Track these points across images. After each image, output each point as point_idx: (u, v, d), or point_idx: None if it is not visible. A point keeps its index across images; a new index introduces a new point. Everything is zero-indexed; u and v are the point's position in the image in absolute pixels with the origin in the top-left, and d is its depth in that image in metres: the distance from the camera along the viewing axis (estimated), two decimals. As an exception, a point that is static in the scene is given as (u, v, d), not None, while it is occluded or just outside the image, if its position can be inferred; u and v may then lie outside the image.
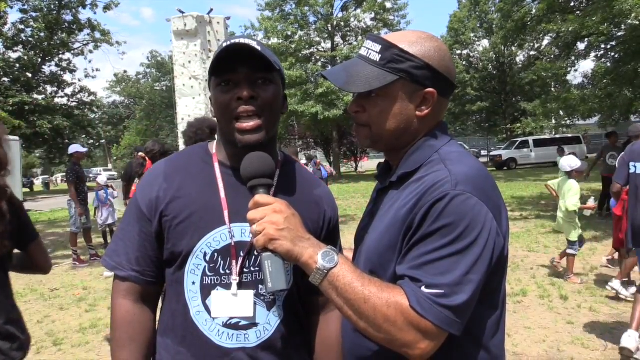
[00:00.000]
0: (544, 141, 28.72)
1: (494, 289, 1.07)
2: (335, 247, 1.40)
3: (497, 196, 1.08)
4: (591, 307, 4.91)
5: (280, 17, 28.89)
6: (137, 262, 1.26)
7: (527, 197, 14.57)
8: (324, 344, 1.37)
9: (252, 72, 1.19)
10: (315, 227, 1.32)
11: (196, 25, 7.64)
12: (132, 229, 1.28)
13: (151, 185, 1.28)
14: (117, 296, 1.28)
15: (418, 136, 1.16)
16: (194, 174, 1.28)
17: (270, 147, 1.29)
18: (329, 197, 1.42)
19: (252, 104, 1.19)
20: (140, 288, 1.28)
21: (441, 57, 1.12)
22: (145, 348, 1.26)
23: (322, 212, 1.37)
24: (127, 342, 1.24)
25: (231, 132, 1.21)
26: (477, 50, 36.75)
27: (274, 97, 1.23)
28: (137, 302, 1.27)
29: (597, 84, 17.25)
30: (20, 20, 29.35)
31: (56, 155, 33.33)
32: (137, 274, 1.26)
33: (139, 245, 1.26)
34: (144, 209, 1.26)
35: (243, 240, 1.24)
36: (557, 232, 8.77)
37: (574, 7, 16.65)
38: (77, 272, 7.64)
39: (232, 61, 1.17)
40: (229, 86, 1.20)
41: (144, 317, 1.28)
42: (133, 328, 1.25)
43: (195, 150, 1.35)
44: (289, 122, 31.41)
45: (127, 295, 1.27)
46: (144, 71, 60.77)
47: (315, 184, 1.42)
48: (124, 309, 1.26)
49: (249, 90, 1.18)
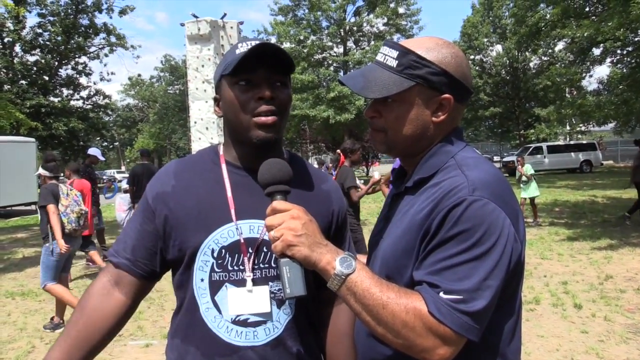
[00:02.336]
0: (558, 147, 28.44)
1: (510, 295, 1.07)
2: (344, 240, 1.42)
3: (514, 202, 1.07)
4: (606, 316, 4.85)
5: (292, 22, 29.05)
6: (132, 251, 1.28)
7: (541, 203, 14.43)
8: (334, 337, 1.38)
9: (271, 74, 1.21)
10: (325, 222, 1.33)
11: (210, 29, 7.71)
12: (136, 219, 1.31)
13: (161, 181, 1.31)
14: (102, 273, 1.32)
15: (434, 142, 1.16)
16: (202, 173, 1.31)
17: (278, 147, 1.33)
18: (336, 192, 1.44)
19: (272, 104, 1.21)
20: (126, 278, 1.28)
21: (458, 63, 1.12)
22: (92, 321, 1.24)
23: (331, 207, 1.38)
24: (78, 308, 1.27)
25: (247, 127, 1.22)
26: (490, 56, 36.53)
27: (289, 99, 1.27)
28: (114, 285, 1.28)
29: (613, 90, 17.06)
30: (38, 24, 29.88)
31: (71, 157, 33.69)
32: (128, 262, 1.27)
33: (137, 235, 1.28)
34: (151, 201, 1.28)
35: (252, 237, 1.25)
36: (571, 240, 8.71)
37: (589, 12, 16.51)
38: (91, 271, 7.71)
39: (253, 62, 1.19)
40: (247, 86, 1.21)
41: (109, 298, 1.27)
42: (91, 298, 1.26)
43: (206, 152, 1.38)
44: (300, 126, 31.48)
45: (111, 276, 1.29)
46: (157, 75, 61.39)
47: (322, 179, 1.43)
48: (97, 283, 1.29)
49: (270, 91, 1.20)
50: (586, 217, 11.15)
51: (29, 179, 17.51)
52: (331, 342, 1.38)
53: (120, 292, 1.29)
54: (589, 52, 18.85)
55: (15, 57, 29.15)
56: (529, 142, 31.53)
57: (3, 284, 7.04)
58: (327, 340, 1.39)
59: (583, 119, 17.89)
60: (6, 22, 27.17)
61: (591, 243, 8.26)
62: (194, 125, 7.94)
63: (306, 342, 1.31)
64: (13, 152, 17.04)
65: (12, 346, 4.63)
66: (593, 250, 7.74)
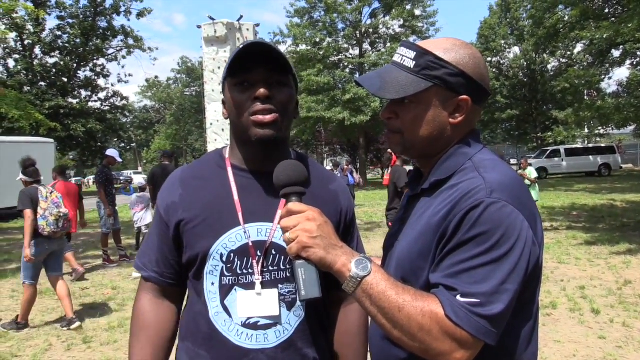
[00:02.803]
0: (576, 150, 28.07)
1: (528, 299, 1.05)
2: (353, 240, 1.42)
3: (532, 204, 1.06)
4: (624, 322, 4.76)
5: (309, 24, 29.09)
6: (157, 264, 1.34)
7: (558, 207, 14.25)
8: (345, 336, 1.38)
9: (268, 74, 1.21)
10: (333, 222, 1.32)
11: (226, 32, 7.75)
12: (154, 232, 1.35)
13: (169, 191, 1.33)
14: (140, 291, 1.37)
15: (451, 143, 1.15)
16: (208, 178, 1.32)
17: (283, 148, 1.33)
18: (344, 191, 1.44)
19: (268, 103, 1.21)
20: (161, 288, 1.35)
21: (476, 64, 1.11)
22: (157, 339, 1.31)
23: (339, 207, 1.38)
24: (138, 330, 1.32)
25: (247, 127, 1.22)
26: (507, 57, 36.23)
27: (289, 99, 1.25)
28: (156, 297, 1.35)
29: (633, 92, 16.78)
30: (57, 27, 30.37)
31: (89, 158, 34.23)
32: (156, 275, 1.34)
33: (158, 248, 1.33)
34: (163, 214, 1.31)
35: (260, 240, 1.26)
36: (589, 244, 8.57)
37: (609, 13, 16.29)
38: (106, 272, 7.80)
39: (248, 62, 1.20)
40: (244, 86, 1.22)
41: (160, 311, 1.34)
42: (147, 318, 1.32)
43: (211, 156, 1.39)
44: (316, 128, 31.50)
45: (149, 291, 1.35)
46: (174, 77, 61.98)
47: (330, 179, 1.43)
48: (142, 301, 1.35)
49: (266, 90, 1.20)
50: (604, 221, 10.98)
51: (47, 179, 17.76)
52: (341, 342, 1.38)
53: (164, 302, 1.36)
54: (608, 54, 18.60)
55: (35, 59, 29.67)
56: (546, 145, 31.16)
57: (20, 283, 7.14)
58: (337, 341, 1.39)
59: (602, 122, 17.64)
60: (26, 24, 27.66)
61: (610, 247, 8.13)
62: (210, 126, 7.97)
63: (317, 343, 1.31)
64: (32, 152, 17.13)
65: (30, 344, 4.70)
66: (611, 254, 7.61)
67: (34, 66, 28.71)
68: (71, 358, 4.34)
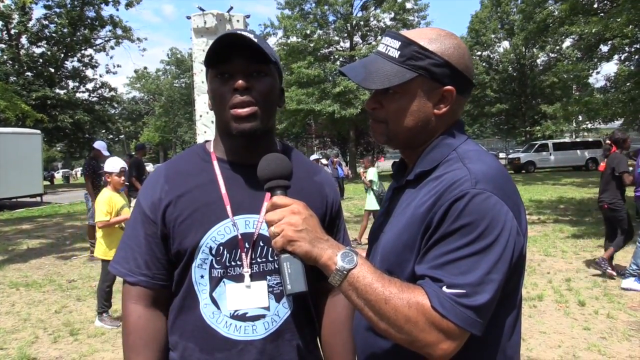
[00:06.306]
0: (564, 145, 28.35)
1: (511, 289, 1.06)
2: (339, 231, 1.42)
3: (516, 195, 1.06)
4: (609, 313, 4.83)
5: (299, 16, 28.94)
6: (146, 266, 1.26)
7: (546, 200, 14.38)
8: (332, 327, 1.38)
9: (247, 64, 1.19)
10: (319, 214, 1.31)
11: (216, 23, 7.68)
12: (139, 233, 1.28)
13: (153, 188, 1.29)
14: (128, 301, 1.27)
15: (435, 134, 1.15)
16: (194, 173, 1.30)
17: (267, 139, 1.31)
18: (329, 183, 1.44)
19: (247, 95, 1.19)
20: (150, 292, 1.27)
21: (460, 54, 1.11)
22: (159, 352, 1.26)
23: (325, 199, 1.38)
24: (142, 348, 1.24)
25: (227, 120, 1.21)
26: (497, 52, 36.35)
27: (270, 89, 1.23)
28: (148, 306, 1.27)
29: (620, 87, 16.93)
30: (44, 16, 29.96)
31: (76, 149, 33.92)
32: (146, 278, 1.26)
33: (146, 249, 1.26)
34: (148, 212, 1.27)
35: (248, 232, 1.25)
36: (576, 237, 8.67)
37: (598, 8, 16.39)
38: (94, 264, 7.74)
39: (227, 53, 1.18)
40: (224, 78, 1.20)
41: (156, 322, 1.28)
42: (147, 333, 1.25)
43: (194, 150, 1.37)
44: (306, 120, 31.43)
45: (139, 300, 1.27)
46: (163, 68, 61.49)
47: (315, 171, 1.42)
48: (136, 314, 1.26)
49: (244, 81, 1.18)
50: (591, 214, 11.09)
51: (34, 170, 17.60)
52: (329, 332, 1.39)
53: (155, 311, 1.28)
54: (596, 49, 18.72)
55: (21, 49, 29.26)
56: (535, 139, 31.39)
57: (7, 275, 7.08)
58: (325, 331, 1.39)
59: (590, 116, 17.78)
60: (13, 13, 27.24)
61: (595, 241, 8.22)
62: (200, 118, 7.92)
63: (305, 334, 1.32)
64: (18, 143, 17.12)
65: (16, 336, 4.66)
66: (597, 247, 7.69)
67: (20, 56, 28.34)
68: (58, 350, 4.31)
